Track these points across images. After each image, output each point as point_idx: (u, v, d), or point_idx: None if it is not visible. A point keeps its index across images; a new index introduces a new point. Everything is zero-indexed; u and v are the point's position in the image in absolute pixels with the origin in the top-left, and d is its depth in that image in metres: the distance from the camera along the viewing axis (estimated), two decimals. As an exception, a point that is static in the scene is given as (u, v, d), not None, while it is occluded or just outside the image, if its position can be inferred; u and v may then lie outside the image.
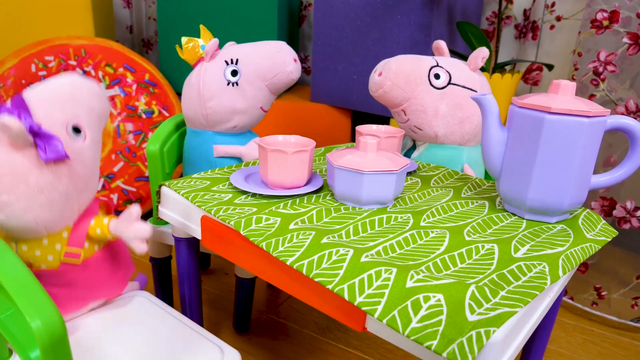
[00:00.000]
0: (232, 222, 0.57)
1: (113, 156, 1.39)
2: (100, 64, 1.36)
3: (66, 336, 0.42)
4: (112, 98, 1.39)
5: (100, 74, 1.36)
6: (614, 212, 1.03)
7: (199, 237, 0.65)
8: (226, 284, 1.16)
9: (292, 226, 0.56)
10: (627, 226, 1.02)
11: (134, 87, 1.39)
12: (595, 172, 1.06)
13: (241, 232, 0.55)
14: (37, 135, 0.53)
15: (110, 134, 1.40)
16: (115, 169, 1.39)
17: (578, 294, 1.12)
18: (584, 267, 1.11)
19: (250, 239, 0.54)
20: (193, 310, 0.77)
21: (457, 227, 0.58)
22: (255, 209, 0.60)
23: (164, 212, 0.70)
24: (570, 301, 1.14)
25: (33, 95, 0.56)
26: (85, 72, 1.35)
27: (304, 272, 0.48)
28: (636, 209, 1.01)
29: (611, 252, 1.08)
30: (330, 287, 0.46)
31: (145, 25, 2.00)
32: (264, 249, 0.52)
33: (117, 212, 1.41)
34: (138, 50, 2.05)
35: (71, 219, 0.60)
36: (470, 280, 0.45)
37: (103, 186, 1.39)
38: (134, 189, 1.41)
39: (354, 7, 1.29)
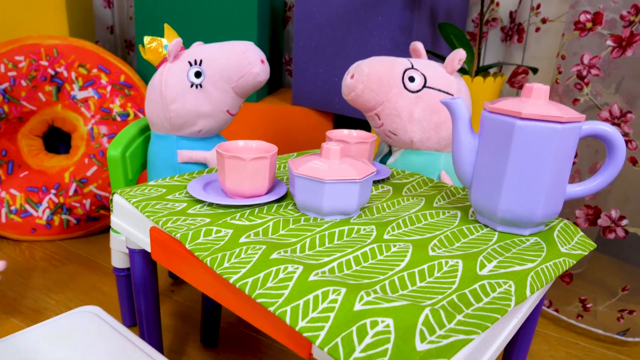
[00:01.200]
0: (178, 235, 0.53)
1: (86, 160, 1.35)
2: (73, 64, 1.31)
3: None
4: (85, 100, 1.34)
5: (73, 75, 1.32)
6: (599, 222, 1.00)
7: (148, 249, 0.60)
8: (198, 295, 1.12)
9: (243, 239, 0.52)
10: (612, 236, 0.99)
11: (109, 88, 1.34)
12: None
13: (186, 246, 0.51)
14: None
15: (84, 137, 1.35)
16: (89, 174, 1.35)
17: (563, 306, 1.08)
18: (568, 277, 1.07)
19: (195, 254, 0.50)
20: (150, 326, 0.72)
21: (423, 241, 0.54)
22: (208, 220, 0.56)
23: (116, 222, 0.66)
24: (555, 313, 1.10)
25: None
26: (58, 73, 1.30)
27: (247, 291, 0.44)
28: (621, 217, 0.97)
29: (597, 261, 1.04)
30: (272, 309, 0.41)
31: (128, 26, 1.95)
32: (208, 265, 0.48)
33: (91, 219, 1.37)
34: (121, 52, 2.00)
35: None
36: (426, 302, 0.41)
37: (75, 191, 1.34)
38: (107, 194, 1.36)
39: (335, 8, 1.25)
